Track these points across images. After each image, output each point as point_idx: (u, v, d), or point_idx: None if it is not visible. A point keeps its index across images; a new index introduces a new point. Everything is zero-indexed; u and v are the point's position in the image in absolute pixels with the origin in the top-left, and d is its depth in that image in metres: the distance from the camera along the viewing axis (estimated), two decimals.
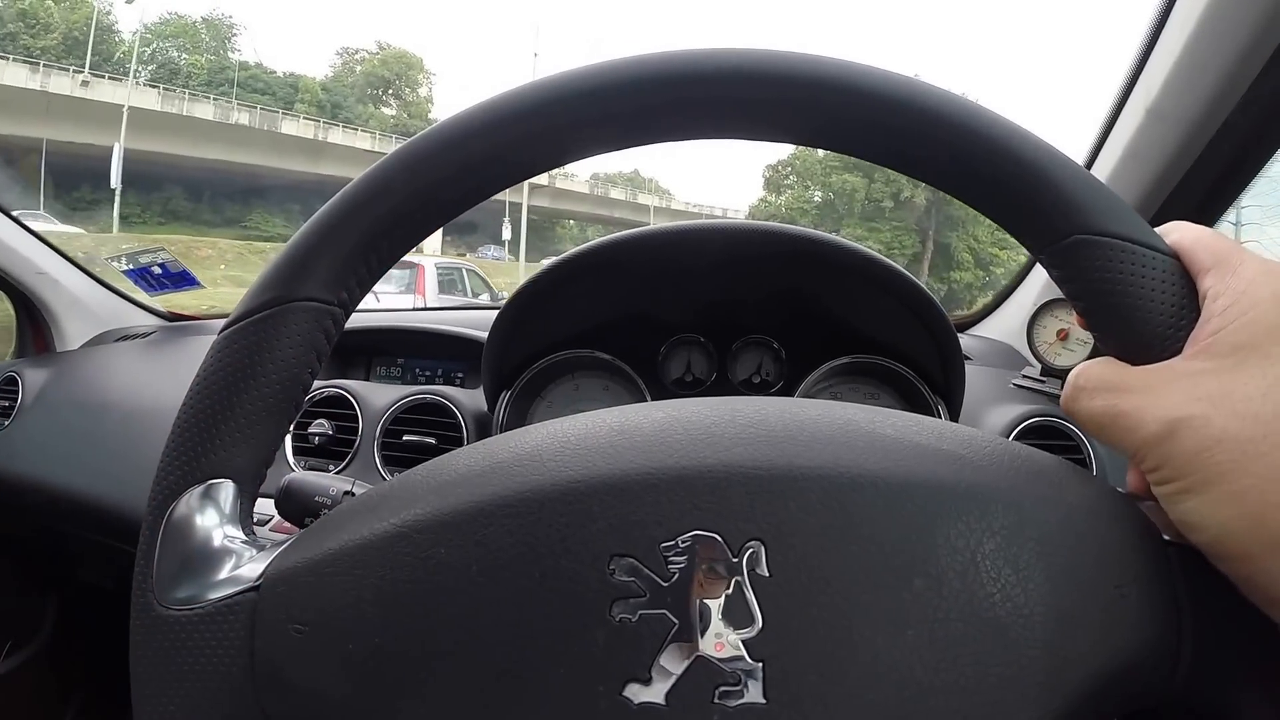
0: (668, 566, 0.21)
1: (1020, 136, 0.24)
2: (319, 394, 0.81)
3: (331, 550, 0.23)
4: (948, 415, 0.67)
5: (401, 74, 35.05)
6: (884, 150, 0.26)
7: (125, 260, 1.14)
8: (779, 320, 0.72)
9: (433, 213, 0.26)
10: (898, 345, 0.68)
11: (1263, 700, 0.22)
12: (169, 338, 1.10)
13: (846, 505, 0.21)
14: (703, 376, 0.73)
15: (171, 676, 0.23)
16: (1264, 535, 0.20)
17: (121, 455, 0.90)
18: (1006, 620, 0.21)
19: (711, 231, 0.65)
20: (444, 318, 0.92)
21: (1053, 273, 0.25)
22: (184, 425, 0.25)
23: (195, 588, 0.24)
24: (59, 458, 0.95)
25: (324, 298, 0.26)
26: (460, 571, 0.21)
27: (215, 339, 0.26)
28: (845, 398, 0.71)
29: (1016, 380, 0.77)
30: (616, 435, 0.23)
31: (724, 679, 0.20)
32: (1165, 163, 0.78)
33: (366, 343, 0.90)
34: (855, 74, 0.24)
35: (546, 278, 0.66)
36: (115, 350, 1.11)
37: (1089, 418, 0.24)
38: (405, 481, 0.24)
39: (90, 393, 1.01)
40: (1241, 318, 0.22)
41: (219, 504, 0.25)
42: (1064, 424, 0.70)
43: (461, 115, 0.26)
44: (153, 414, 0.92)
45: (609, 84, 0.25)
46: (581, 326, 0.71)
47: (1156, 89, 0.76)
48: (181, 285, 1.12)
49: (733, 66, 0.24)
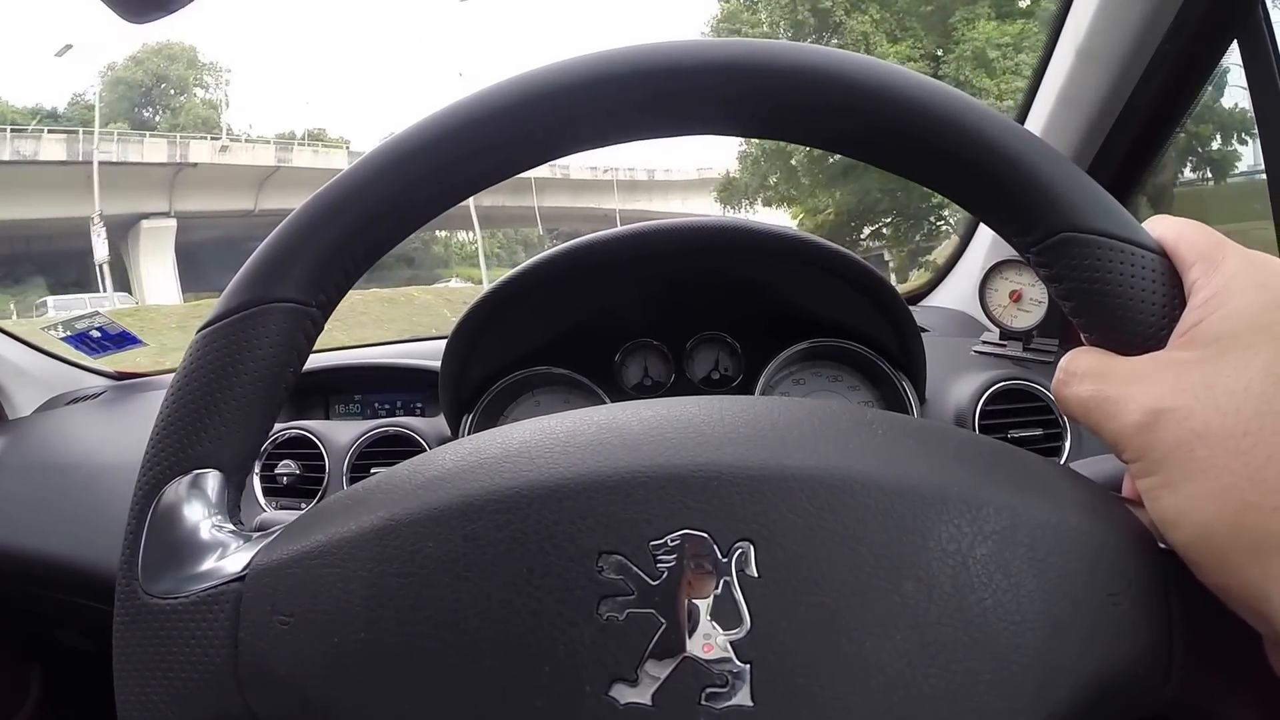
0: (656, 565, 0.20)
1: (1005, 128, 0.24)
2: (281, 436, 0.80)
3: (319, 542, 0.23)
4: (911, 389, 0.67)
5: (165, 76, 24.87)
6: (855, 142, 0.25)
7: (62, 328, 1.12)
8: (732, 315, 0.71)
9: (409, 213, 0.26)
10: (853, 325, 0.68)
11: (1251, 711, 0.21)
12: (121, 396, 1.08)
13: (837, 506, 0.21)
14: (661, 379, 0.73)
15: (155, 665, 0.23)
16: (1243, 537, 0.19)
17: (88, 515, 0.89)
18: (998, 626, 0.20)
19: (653, 233, 0.64)
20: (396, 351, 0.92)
21: (1040, 270, 0.24)
22: (168, 417, 0.25)
23: (180, 577, 0.23)
24: (26, 523, 0.93)
25: (302, 299, 0.26)
26: (447, 566, 0.21)
27: (194, 338, 0.26)
28: (808, 383, 0.70)
29: (977, 347, 0.77)
30: (606, 432, 0.23)
31: (711, 680, 0.20)
32: (1099, 105, 0.78)
33: (322, 383, 0.89)
34: (825, 59, 0.24)
35: (492, 299, 0.65)
36: (69, 412, 1.09)
37: (1077, 403, 0.24)
38: (393, 476, 0.24)
39: (50, 455, 1.00)
40: (1222, 308, 0.21)
41: (205, 493, 0.25)
42: (1031, 385, 0.70)
43: (438, 114, 0.26)
44: (114, 470, 0.90)
45: (580, 80, 0.25)
46: (535, 342, 0.70)
47: (1084, 29, 0.75)
48: (124, 345, 1.10)
49: (726, 57, 0.24)
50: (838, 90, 0.24)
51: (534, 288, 0.65)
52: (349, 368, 0.87)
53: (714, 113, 0.25)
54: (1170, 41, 0.70)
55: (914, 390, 0.67)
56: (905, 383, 0.67)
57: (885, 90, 0.24)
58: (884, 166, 0.26)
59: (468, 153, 0.25)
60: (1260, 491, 0.19)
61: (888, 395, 0.68)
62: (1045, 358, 0.74)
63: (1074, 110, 0.80)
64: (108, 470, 0.91)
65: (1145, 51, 0.72)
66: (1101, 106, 0.78)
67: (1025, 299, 0.76)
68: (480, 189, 0.27)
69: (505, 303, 0.65)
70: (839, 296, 0.65)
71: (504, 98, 0.25)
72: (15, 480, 0.97)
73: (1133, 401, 0.22)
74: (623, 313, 0.70)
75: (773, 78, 0.24)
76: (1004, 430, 0.68)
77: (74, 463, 0.96)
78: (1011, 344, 0.76)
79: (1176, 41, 0.70)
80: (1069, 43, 0.78)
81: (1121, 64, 0.74)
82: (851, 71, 0.24)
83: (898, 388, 0.67)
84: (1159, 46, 0.71)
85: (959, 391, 0.70)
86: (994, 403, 0.69)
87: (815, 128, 0.26)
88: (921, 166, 0.25)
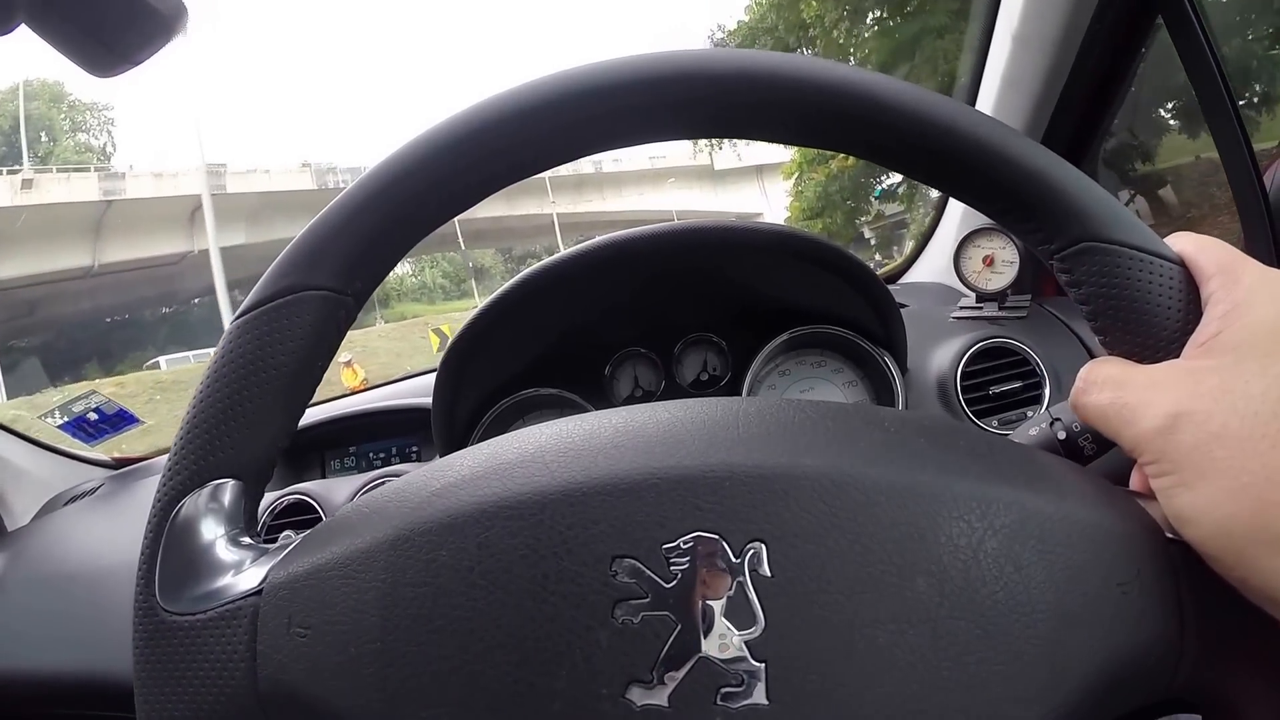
0: (670, 568, 0.21)
1: (1031, 148, 0.25)
2: (279, 504, 0.78)
3: (334, 554, 0.23)
4: (894, 365, 0.67)
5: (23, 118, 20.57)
6: (889, 154, 0.27)
7: (59, 413, 1.10)
8: (716, 315, 0.72)
9: (447, 202, 0.27)
10: (833, 310, 0.69)
11: (1264, 697, 0.22)
12: (118, 487, 1.07)
13: (848, 505, 0.21)
14: (651, 387, 0.73)
15: (175, 681, 0.23)
16: (1262, 532, 0.20)
17: (97, 622, 0.86)
18: (1009, 618, 0.20)
19: (626, 243, 0.65)
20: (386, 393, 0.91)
21: (1061, 276, 0.26)
22: (194, 421, 0.26)
23: (198, 592, 0.24)
24: (33, 643, 0.90)
25: (338, 287, 0.26)
26: (462, 574, 0.21)
27: (228, 327, 0.26)
28: (793, 372, 0.71)
29: (955, 313, 0.79)
30: (619, 436, 0.23)
31: (727, 680, 0.20)
32: (1042, 84, 0.81)
33: (316, 438, 0.88)
34: (864, 81, 0.25)
35: (474, 328, 0.65)
36: (66, 515, 1.07)
37: (1096, 411, 0.24)
38: (407, 485, 0.24)
39: (51, 566, 0.97)
40: (1240, 320, 0.22)
41: (222, 506, 0.25)
42: (1011, 342, 0.71)
43: (482, 103, 0.26)
44: (116, 571, 0.88)
45: (626, 79, 0.26)
46: (522, 364, 0.70)
47: (1017, 16, 0.78)
48: (120, 427, 1.09)
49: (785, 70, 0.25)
50: (873, 109, 0.25)
51: (514, 309, 0.65)
52: (340, 418, 0.87)
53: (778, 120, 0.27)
54: (1098, 22, 0.73)
55: (895, 364, 0.68)
56: (887, 358, 0.67)
57: (918, 110, 0.25)
58: (918, 178, 0.28)
59: (506, 145, 0.26)
60: (1278, 490, 0.19)
61: (871, 373, 0.69)
62: (1019, 313, 0.75)
63: (1019, 91, 0.83)
64: (111, 573, 0.89)
65: (1076, 34, 0.75)
66: (1044, 87, 0.80)
67: (998, 261, 0.78)
68: (518, 179, 0.27)
69: (489, 329, 0.65)
70: (818, 283, 0.66)
71: (547, 91, 0.26)
72: (18, 598, 0.95)
73: (1152, 407, 0.22)
74: (607, 325, 0.71)
75: (814, 93, 0.26)
76: (985, 388, 0.69)
77: (76, 570, 0.94)
78: (987, 305, 0.77)
79: (1104, 22, 0.73)
80: (1005, 29, 0.81)
81: (1056, 46, 0.77)
82: (883, 91, 0.25)
83: (880, 365, 0.68)
84: (1089, 28, 0.74)
85: (940, 357, 0.71)
86: (974, 363, 0.70)
87: (854, 140, 0.27)
88: (953, 179, 0.27)
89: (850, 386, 0.70)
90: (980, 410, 0.69)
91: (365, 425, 0.87)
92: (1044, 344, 0.71)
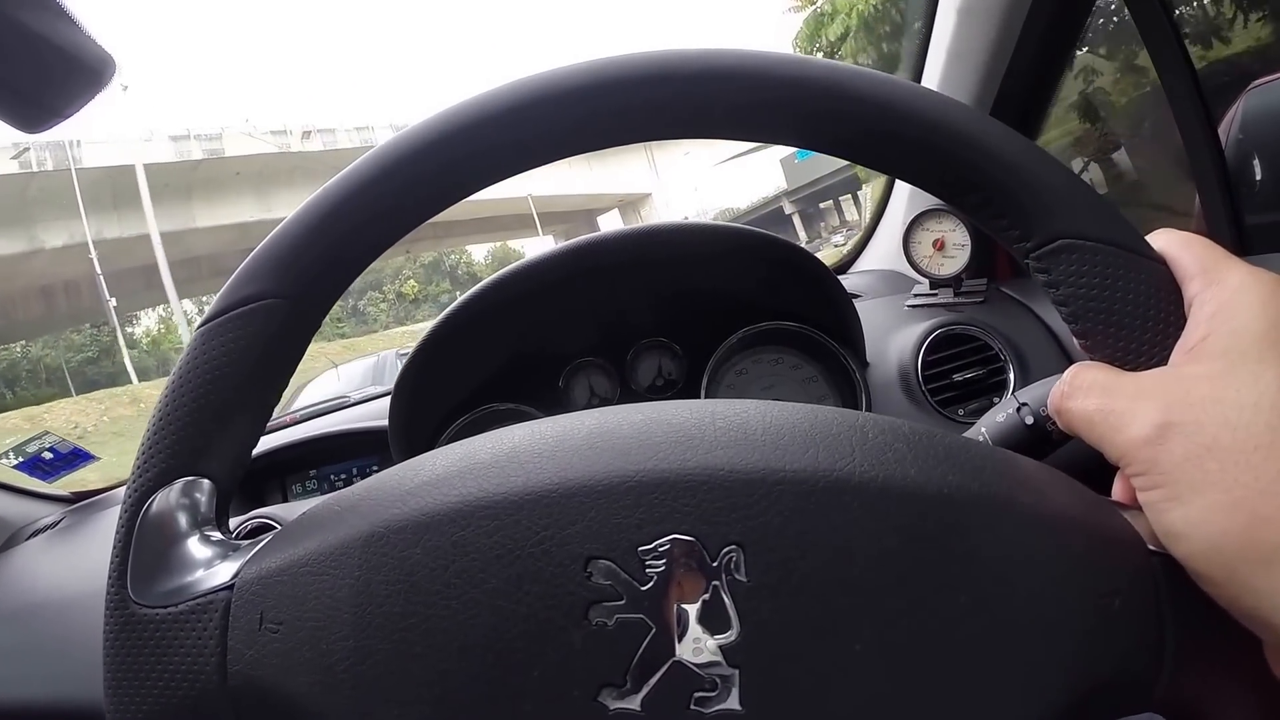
0: (645, 570, 0.20)
1: (1007, 137, 0.24)
2: (244, 528, 0.77)
3: (308, 550, 0.23)
4: (853, 357, 0.67)
5: None
6: (847, 144, 0.26)
7: (13, 454, 1.08)
8: (668, 318, 0.71)
9: (411, 211, 0.27)
10: (785, 305, 0.68)
11: (1243, 712, 0.21)
12: (79, 520, 1.05)
13: (826, 510, 0.21)
14: (608, 395, 0.72)
15: (144, 674, 0.23)
16: (1253, 550, 0.19)
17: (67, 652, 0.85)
18: (987, 629, 0.20)
19: (571, 253, 0.64)
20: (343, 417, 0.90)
21: (1039, 277, 0.24)
22: (161, 420, 0.25)
23: (169, 586, 0.24)
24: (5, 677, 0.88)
25: (301, 295, 0.26)
26: (437, 573, 0.21)
27: (193, 334, 0.26)
28: (751, 371, 0.70)
29: (910, 302, 0.78)
30: (596, 437, 0.23)
31: (700, 685, 0.20)
32: (988, 56, 0.79)
33: (275, 463, 0.87)
34: (815, 69, 0.25)
35: (427, 346, 0.64)
36: (29, 550, 1.05)
37: (1081, 416, 0.23)
38: (381, 483, 0.24)
39: (17, 599, 0.96)
40: (1228, 324, 0.21)
41: (195, 503, 0.25)
42: (968, 328, 0.70)
43: (446, 112, 0.26)
44: (83, 600, 0.87)
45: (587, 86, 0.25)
46: (477, 380, 0.70)
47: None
48: (75, 465, 1.07)
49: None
50: (833, 97, 0.24)
51: (466, 326, 0.64)
52: (299, 443, 0.85)
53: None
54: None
55: (855, 358, 0.67)
56: (845, 352, 0.67)
57: (876, 96, 0.24)
58: (879, 169, 0.26)
59: (476, 150, 0.26)
60: (1271, 505, 0.19)
61: (831, 368, 0.69)
62: (977, 298, 0.75)
63: (966, 65, 0.81)
64: (77, 601, 0.88)
65: (1022, 3, 0.74)
66: (991, 59, 0.79)
67: (949, 245, 0.77)
68: (485, 186, 0.27)
69: (440, 346, 0.64)
70: (768, 279, 0.66)
71: (508, 99, 0.25)
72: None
73: (1140, 416, 0.21)
74: (559, 336, 0.70)
75: (782, 88, 0.25)
76: (948, 376, 0.68)
77: (43, 600, 0.93)
78: (943, 291, 0.77)
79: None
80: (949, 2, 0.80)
81: (1001, 16, 0.75)
82: (844, 80, 0.24)
83: (839, 359, 0.67)
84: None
85: (899, 347, 0.70)
86: (935, 351, 0.69)
87: (812, 131, 0.26)
88: (918, 169, 0.25)
89: (810, 383, 0.70)
90: (944, 400, 0.67)
91: (324, 448, 0.86)
92: (1005, 327, 0.70)
